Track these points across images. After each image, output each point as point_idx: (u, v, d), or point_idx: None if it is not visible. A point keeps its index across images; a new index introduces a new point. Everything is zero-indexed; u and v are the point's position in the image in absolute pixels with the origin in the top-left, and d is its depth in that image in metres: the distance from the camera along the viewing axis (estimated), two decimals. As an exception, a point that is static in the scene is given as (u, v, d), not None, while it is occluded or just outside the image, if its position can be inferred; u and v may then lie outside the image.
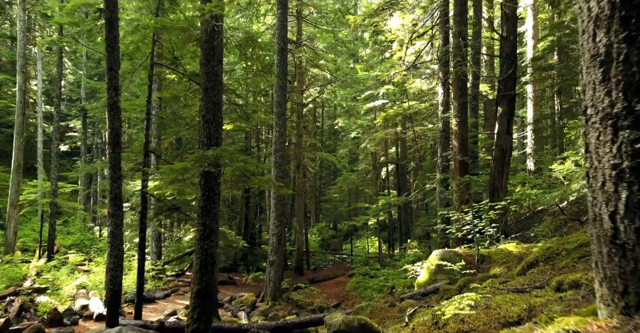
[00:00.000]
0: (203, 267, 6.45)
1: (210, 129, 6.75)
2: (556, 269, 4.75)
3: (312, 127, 33.33)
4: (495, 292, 3.93)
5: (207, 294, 6.41)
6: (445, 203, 12.55)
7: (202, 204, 6.62)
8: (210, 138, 6.74)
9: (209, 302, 6.43)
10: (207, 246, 6.53)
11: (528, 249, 7.78)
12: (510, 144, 11.89)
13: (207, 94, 6.81)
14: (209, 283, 6.44)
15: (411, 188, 26.02)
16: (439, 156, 13.06)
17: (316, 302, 14.53)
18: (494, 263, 7.69)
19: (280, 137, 14.10)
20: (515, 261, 7.29)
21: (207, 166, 6.29)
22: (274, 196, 13.92)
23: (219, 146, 6.68)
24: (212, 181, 6.67)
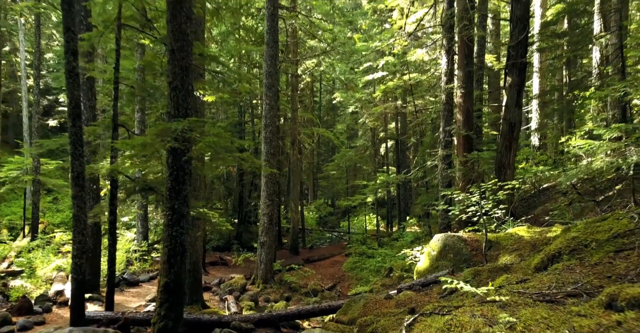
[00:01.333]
0: (172, 257, 5.62)
1: (178, 98, 5.79)
2: (587, 266, 3.90)
3: (310, 102, 32.22)
4: (518, 301, 3.07)
5: (176, 288, 5.60)
6: (447, 181, 11.69)
7: (171, 186, 5.73)
8: (179, 108, 5.78)
9: (178, 296, 5.63)
10: (177, 234, 5.68)
11: (542, 234, 6.96)
12: (520, 117, 10.93)
13: (173, 56, 5.82)
14: (178, 275, 5.62)
15: (411, 164, 25.15)
16: (441, 131, 12.11)
17: (310, 284, 13.87)
18: (503, 250, 6.87)
19: (271, 110, 13.11)
20: (527, 249, 6.46)
21: (172, 141, 5.37)
22: (264, 174, 13.04)
23: (189, 117, 5.74)
24: (181, 158, 5.76)
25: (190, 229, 10.06)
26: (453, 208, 8.64)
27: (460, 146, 11.36)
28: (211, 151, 5.69)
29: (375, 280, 13.45)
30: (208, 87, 9.62)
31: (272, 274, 13.23)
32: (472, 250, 7.14)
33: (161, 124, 5.50)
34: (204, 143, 5.40)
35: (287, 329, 7.36)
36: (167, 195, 5.79)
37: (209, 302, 11.47)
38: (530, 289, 3.55)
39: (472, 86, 11.78)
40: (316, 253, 20.40)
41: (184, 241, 5.77)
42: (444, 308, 4.34)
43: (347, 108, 29.70)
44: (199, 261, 10.17)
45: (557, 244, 4.70)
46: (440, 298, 5.76)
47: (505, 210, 7.96)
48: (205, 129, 5.69)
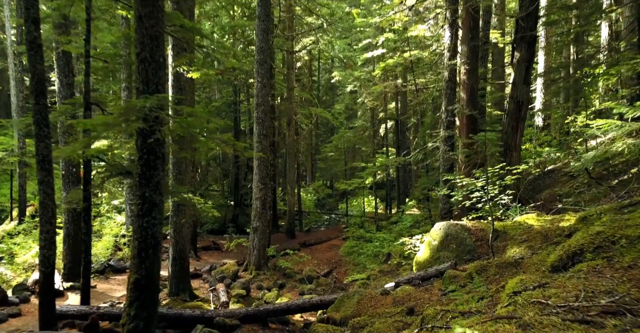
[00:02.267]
0: (143, 251, 5.02)
1: (147, 72, 5.09)
2: (618, 268, 3.29)
3: (308, 81, 31.31)
4: (542, 320, 2.46)
5: (148, 284, 5.02)
6: (449, 164, 11.05)
7: (140, 171, 5.08)
8: (148, 83, 5.09)
9: (151, 294, 5.05)
10: (148, 225, 5.06)
11: (553, 223, 6.35)
12: (528, 95, 10.23)
13: (141, 24, 5.09)
14: (150, 271, 5.04)
15: (411, 146, 24.44)
16: (443, 111, 11.40)
17: (305, 269, 13.38)
18: (510, 240, 6.27)
19: (263, 88, 12.36)
20: (538, 240, 5.87)
21: (140, 120, 4.69)
22: (256, 156, 12.38)
23: (160, 93, 5.05)
24: (152, 140, 5.10)
25: (177, 216, 9.49)
26: (456, 193, 8.02)
27: (464, 127, 10.68)
28: (185, 132, 5.02)
29: (373, 267, 12.97)
30: (193, 63, 8.89)
31: (266, 260, 12.72)
32: (477, 240, 6.55)
33: (128, 102, 4.81)
34: (177, 123, 4.73)
35: (275, 324, 6.84)
36: (136, 182, 5.16)
37: (199, 290, 10.99)
38: (553, 299, 2.94)
39: (477, 62, 11.02)
40: (313, 236, 19.92)
41: (156, 233, 5.15)
42: (447, 314, 3.76)
43: (345, 87, 28.79)
44: (185, 249, 9.62)
45: (578, 239, 4.08)
46: (442, 296, 5.19)
47: (513, 196, 7.35)
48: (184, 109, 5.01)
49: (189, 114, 4.97)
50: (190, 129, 4.92)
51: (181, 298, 9.36)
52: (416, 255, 7.49)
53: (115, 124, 4.64)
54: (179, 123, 4.79)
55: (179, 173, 9.46)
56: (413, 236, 8.44)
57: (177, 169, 9.48)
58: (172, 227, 9.55)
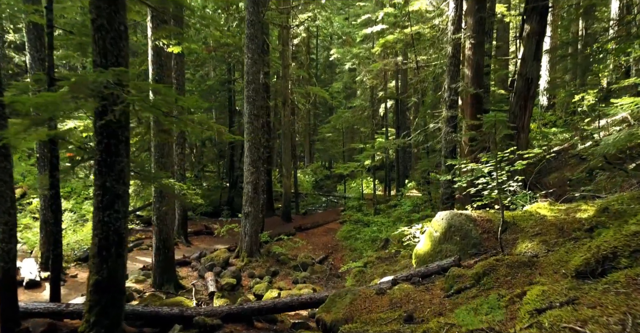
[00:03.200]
0: (104, 249, 4.39)
1: (104, 42, 4.36)
2: (667, 282, 2.65)
3: (306, 59, 30.26)
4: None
5: (111, 287, 4.41)
6: (451, 146, 10.35)
7: (100, 158, 4.41)
8: (106, 55, 4.36)
9: (114, 297, 4.45)
10: (110, 219, 4.42)
11: (568, 213, 5.71)
12: (538, 72, 9.47)
13: (96, -16, 4.34)
14: (114, 272, 4.42)
15: (411, 126, 23.68)
16: (446, 89, 10.64)
17: (300, 256, 12.86)
18: (521, 233, 5.65)
19: (254, 65, 11.56)
20: (553, 233, 5.24)
21: (92, 98, 3.99)
22: (247, 138, 11.69)
23: (120, 67, 4.32)
24: (113, 122, 4.41)
25: (161, 203, 8.87)
26: (459, 179, 7.36)
27: (468, 106, 9.96)
28: (149, 112, 4.32)
29: (370, 253, 12.44)
30: (173, 36, 8.09)
31: (258, 246, 12.17)
32: (483, 233, 5.93)
33: (79, 75, 4.10)
34: (137, 101, 4.03)
35: (261, 323, 6.28)
36: (95, 170, 4.49)
37: (187, 278, 10.46)
38: (591, 326, 2.31)
39: (484, 36, 10.23)
40: (309, 220, 19.38)
41: (120, 229, 4.51)
42: (452, 330, 3.15)
43: (344, 65, 27.83)
44: (170, 237, 9.02)
45: (608, 240, 3.43)
46: (445, 299, 4.59)
47: (522, 183, 6.69)
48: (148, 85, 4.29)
49: (155, 91, 4.26)
50: (154, 109, 4.22)
51: (165, 289, 8.83)
52: (416, 246, 6.88)
53: (58, 102, 3.93)
54: (135, 101, 4.08)
55: (162, 157, 8.79)
56: (412, 226, 7.83)
57: (160, 152, 8.81)
58: (155, 214, 8.94)
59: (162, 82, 8.65)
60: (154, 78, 8.60)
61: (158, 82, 8.62)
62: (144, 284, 9.09)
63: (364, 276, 10.63)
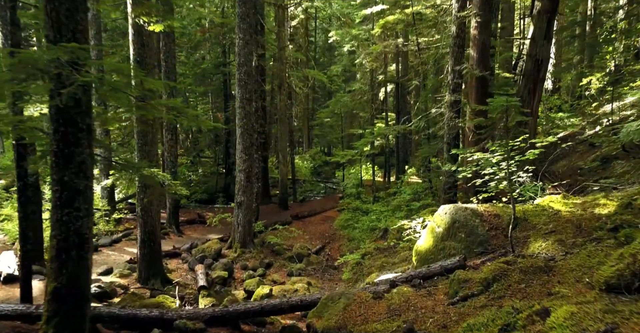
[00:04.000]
0: (63, 252, 3.87)
1: (58, 15, 3.75)
2: None
3: (304, 41, 29.46)
4: None
5: (72, 295, 3.90)
6: (454, 132, 9.77)
7: (57, 148, 3.85)
8: (60, 29, 3.77)
9: (76, 307, 3.94)
10: (70, 218, 3.89)
11: (585, 208, 5.18)
12: (548, 53, 8.84)
13: (46, -54, 3.71)
14: (75, 278, 3.90)
15: (412, 110, 23.02)
16: (449, 71, 10.01)
17: (296, 246, 12.39)
18: (533, 230, 5.12)
19: (246, 46, 10.89)
20: (569, 231, 4.71)
21: (47, 79, 3.41)
22: (239, 123, 11.09)
23: (78, 42, 3.72)
24: (71, 108, 3.84)
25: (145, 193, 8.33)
26: (463, 169, 6.79)
27: (473, 90, 9.35)
28: (108, 96, 3.74)
29: (369, 244, 11.97)
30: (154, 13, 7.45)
31: (252, 237, 11.69)
32: (490, 229, 5.40)
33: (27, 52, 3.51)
34: (94, 83, 3.45)
35: (249, 326, 5.80)
36: (51, 162, 3.93)
37: (176, 271, 10.01)
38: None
39: (490, 14, 9.54)
40: (307, 207, 18.89)
41: (82, 229, 3.97)
42: None
43: (343, 47, 26.98)
44: (155, 229, 8.51)
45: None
46: (450, 307, 4.08)
47: (533, 174, 6.15)
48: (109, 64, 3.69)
49: (115, 70, 3.67)
50: (114, 92, 3.64)
51: (151, 284, 8.36)
52: (417, 242, 6.36)
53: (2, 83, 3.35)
54: (97, 84, 3.49)
55: (145, 144, 8.21)
56: (413, 219, 7.28)
57: (143, 139, 8.23)
58: (139, 205, 8.41)
59: (144, 64, 8.03)
60: (135, 59, 7.98)
61: (139, 63, 8.00)
62: (129, 279, 8.62)
63: (362, 269, 10.18)
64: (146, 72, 7.99)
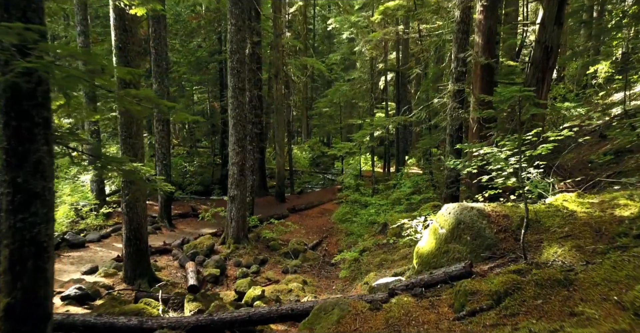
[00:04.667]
0: (17, 263, 3.42)
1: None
2: None
3: (302, 29, 28.74)
4: None
5: (28, 312, 3.45)
6: (457, 124, 9.29)
7: (8, 145, 3.37)
8: (8, 8, 3.26)
9: (35, 325, 3.49)
10: (25, 225, 3.43)
11: (603, 209, 4.71)
12: (559, 39, 8.28)
13: None
14: (32, 292, 3.45)
15: (412, 99, 22.46)
16: (452, 59, 9.48)
17: (292, 241, 11.98)
18: (546, 233, 4.66)
19: (238, 33, 10.33)
20: (588, 236, 4.25)
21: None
22: (231, 114, 10.58)
23: (32, 23, 3.21)
24: (25, 99, 3.36)
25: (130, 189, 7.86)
26: (468, 164, 6.30)
27: (478, 79, 8.82)
28: (65, 84, 3.24)
29: (367, 240, 11.55)
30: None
31: (246, 232, 11.25)
32: (499, 231, 4.94)
33: None
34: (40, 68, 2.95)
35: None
36: (3, 161, 3.44)
37: (166, 269, 9.59)
38: None
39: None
40: (304, 200, 18.46)
41: (40, 236, 3.51)
42: None
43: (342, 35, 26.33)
44: (141, 226, 8.06)
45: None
46: (456, 322, 3.63)
47: (544, 170, 5.67)
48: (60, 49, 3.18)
49: (72, 55, 3.17)
50: (69, 81, 3.14)
51: (137, 284, 7.94)
52: (418, 244, 5.90)
53: None
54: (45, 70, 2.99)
55: (129, 137, 7.72)
56: (413, 219, 6.80)
57: (127, 132, 7.73)
58: (124, 201, 7.95)
59: (127, 51, 7.50)
60: (117, 45, 7.44)
61: (122, 50, 7.46)
62: (114, 278, 8.20)
63: (359, 266, 9.76)
64: (129, 59, 7.48)
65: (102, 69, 3.27)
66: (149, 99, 3.84)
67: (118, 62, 7.48)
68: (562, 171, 8.23)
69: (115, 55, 7.49)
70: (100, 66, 3.20)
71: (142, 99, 3.79)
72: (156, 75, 12.41)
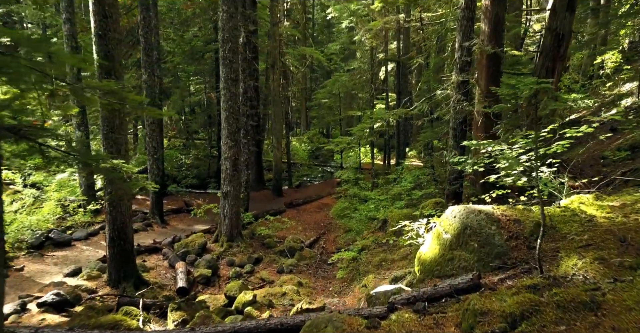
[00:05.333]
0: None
1: None
2: None
3: (302, 18, 28.07)
4: None
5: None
6: (461, 117, 8.77)
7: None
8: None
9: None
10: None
11: (626, 213, 4.25)
12: (571, 26, 7.75)
13: None
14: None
15: (413, 90, 21.90)
16: (457, 48, 8.93)
17: (288, 238, 11.56)
18: (563, 242, 4.19)
19: (230, 20, 9.78)
20: (613, 246, 3.78)
21: None
22: (224, 106, 10.08)
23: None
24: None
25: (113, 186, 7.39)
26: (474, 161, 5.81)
27: (484, 69, 8.29)
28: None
29: (366, 237, 11.12)
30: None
31: (240, 229, 10.81)
32: (510, 238, 4.47)
33: None
34: None
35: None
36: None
37: (155, 270, 9.15)
38: None
39: (505, -18, 8.41)
40: (302, 194, 18.01)
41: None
42: None
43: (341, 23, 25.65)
44: (126, 226, 7.60)
45: None
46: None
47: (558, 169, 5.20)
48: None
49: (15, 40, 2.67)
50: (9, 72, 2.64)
51: (122, 287, 7.51)
52: (420, 249, 5.43)
53: None
54: None
55: (111, 131, 7.22)
56: (415, 221, 6.30)
57: (109, 126, 7.23)
58: (107, 201, 7.48)
59: (107, 39, 6.97)
60: (96, 33, 6.91)
61: (102, 38, 6.94)
62: (98, 281, 7.77)
63: (358, 266, 9.33)
64: (110, 48, 6.95)
65: (49, 58, 2.78)
66: (112, 92, 3.34)
67: (98, 51, 6.96)
68: (572, 168, 7.74)
69: (95, 43, 6.97)
70: (47, 54, 2.71)
71: (107, 93, 3.30)
72: (146, 65, 11.86)
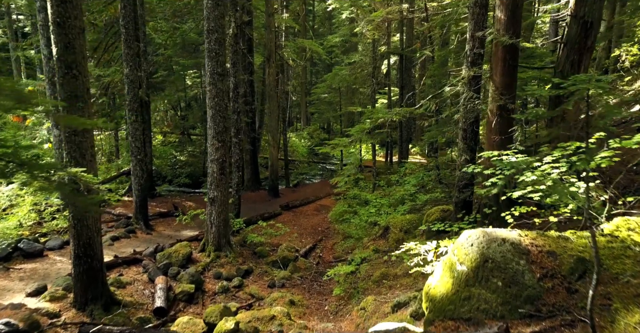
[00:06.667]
0: None
1: None
2: None
3: (301, 9, 27.04)
4: None
5: None
6: (473, 116, 7.83)
7: None
8: None
9: None
10: None
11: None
12: (600, 14, 6.80)
13: None
14: None
15: (417, 85, 20.91)
16: (468, 39, 7.97)
17: (282, 246, 10.70)
18: (615, 285, 3.27)
19: (216, 8, 8.81)
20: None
21: None
22: (209, 104, 9.15)
23: None
24: None
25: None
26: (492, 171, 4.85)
27: (499, 62, 7.31)
28: None
29: (367, 245, 10.25)
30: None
31: (228, 238, 9.92)
32: (544, 277, 3.56)
33: None
34: None
35: None
36: None
37: (132, 285, 8.27)
38: None
39: (524, -36, 7.41)
40: (300, 194, 17.12)
41: None
42: None
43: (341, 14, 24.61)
44: (94, 241, 6.71)
45: None
46: None
47: (602, 187, 4.29)
48: None
49: None
50: None
51: (90, 310, 6.64)
52: (428, 280, 4.50)
53: None
54: None
55: (74, 134, 6.30)
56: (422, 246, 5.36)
57: (71, 127, 6.31)
58: (70, 212, 6.59)
59: (67, 27, 6.04)
60: (54, 20, 5.98)
61: (60, 26, 6.01)
62: (62, 302, 6.88)
63: (356, 281, 8.45)
64: (70, 37, 6.03)
65: None
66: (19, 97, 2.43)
67: (57, 42, 6.04)
68: (600, 175, 6.80)
69: (53, 32, 6.05)
70: None
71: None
72: (127, 58, 10.91)
